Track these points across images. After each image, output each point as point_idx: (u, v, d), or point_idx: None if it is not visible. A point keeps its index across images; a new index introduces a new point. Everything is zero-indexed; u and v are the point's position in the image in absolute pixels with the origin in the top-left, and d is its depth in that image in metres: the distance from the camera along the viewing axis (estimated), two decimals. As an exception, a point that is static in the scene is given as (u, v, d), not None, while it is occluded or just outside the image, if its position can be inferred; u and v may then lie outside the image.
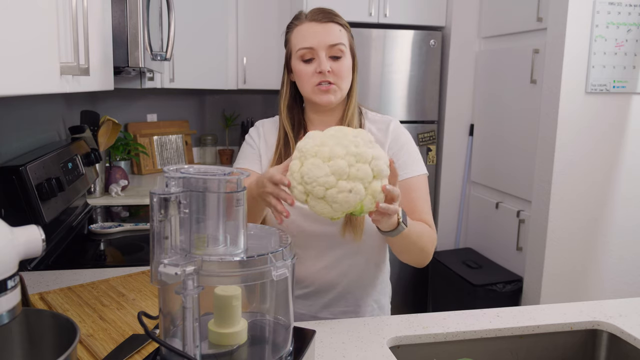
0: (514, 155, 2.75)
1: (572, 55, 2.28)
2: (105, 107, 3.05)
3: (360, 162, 0.91)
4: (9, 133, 1.68)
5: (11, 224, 0.69)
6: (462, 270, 2.79)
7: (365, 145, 0.93)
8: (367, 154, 0.92)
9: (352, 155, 0.91)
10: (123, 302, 1.24)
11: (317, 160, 0.92)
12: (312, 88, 1.21)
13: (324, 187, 0.91)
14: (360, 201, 0.92)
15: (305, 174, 0.92)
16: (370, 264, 1.30)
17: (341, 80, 1.21)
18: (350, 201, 0.91)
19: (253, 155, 1.30)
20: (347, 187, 0.90)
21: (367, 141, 0.95)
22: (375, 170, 0.92)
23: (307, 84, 1.21)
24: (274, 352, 0.84)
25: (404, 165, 1.23)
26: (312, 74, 1.20)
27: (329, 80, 1.19)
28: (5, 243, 0.65)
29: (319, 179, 0.90)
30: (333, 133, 0.96)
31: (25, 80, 0.83)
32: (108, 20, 1.48)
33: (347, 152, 0.91)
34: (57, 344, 0.78)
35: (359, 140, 0.94)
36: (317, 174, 0.91)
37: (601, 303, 1.32)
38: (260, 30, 3.22)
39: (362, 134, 0.96)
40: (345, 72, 1.21)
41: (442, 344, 1.14)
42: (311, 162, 0.92)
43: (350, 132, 0.96)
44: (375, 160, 0.92)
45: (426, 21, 3.04)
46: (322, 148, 0.93)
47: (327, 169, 0.90)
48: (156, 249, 0.73)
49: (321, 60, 1.19)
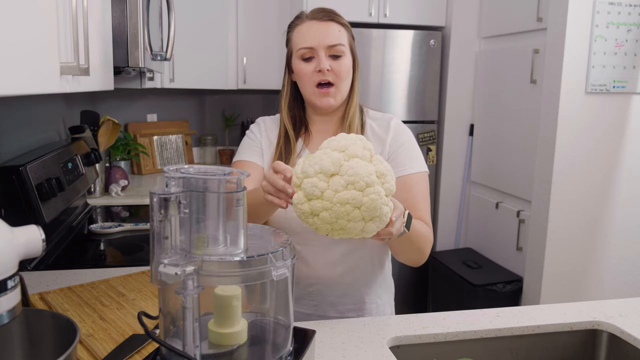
0: (514, 155, 2.75)
1: (572, 55, 2.28)
2: (105, 107, 3.05)
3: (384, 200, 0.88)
4: (9, 133, 1.68)
5: (11, 224, 0.69)
6: (462, 270, 2.79)
7: (365, 218, 0.88)
8: (369, 229, 0.89)
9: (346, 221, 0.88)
10: (123, 302, 1.24)
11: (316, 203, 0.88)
12: (312, 90, 1.22)
13: (346, 216, 0.87)
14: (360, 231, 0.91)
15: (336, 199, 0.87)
16: (375, 261, 1.30)
17: (340, 80, 1.21)
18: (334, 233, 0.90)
19: (255, 147, 1.30)
20: (360, 227, 0.88)
21: (371, 209, 0.88)
22: (373, 224, 0.90)
23: (307, 83, 1.22)
24: (274, 352, 0.84)
25: (403, 162, 1.23)
26: (312, 73, 1.20)
27: (328, 80, 1.20)
28: (5, 243, 0.65)
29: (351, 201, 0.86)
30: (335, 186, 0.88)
31: (25, 80, 0.83)
32: (108, 20, 1.48)
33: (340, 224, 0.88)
34: (57, 344, 0.78)
35: (358, 213, 0.87)
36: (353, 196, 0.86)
37: (601, 303, 1.32)
38: (260, 30, 3.22)
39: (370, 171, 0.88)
40: (344, 71, 1.21)
41: (442, 344, 1.14)
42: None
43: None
44: (373, 220, 0.89)
45: (426, 21, 3.05)
46: (316, 203, 0.88)
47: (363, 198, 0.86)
48: (156, 249, 0.73)
49: (321, 59, 1.19)
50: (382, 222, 0.90)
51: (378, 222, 0.89)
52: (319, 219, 0.88)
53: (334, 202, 0.86)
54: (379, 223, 0.89)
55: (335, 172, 0.87)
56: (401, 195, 1.20)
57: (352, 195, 0.85)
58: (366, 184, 0.86)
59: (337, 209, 0.86)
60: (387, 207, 0.89)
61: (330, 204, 0.86)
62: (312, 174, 0.89)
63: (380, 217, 0.89)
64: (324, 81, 1.20)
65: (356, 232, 0.89)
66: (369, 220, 0.88)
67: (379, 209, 0.87)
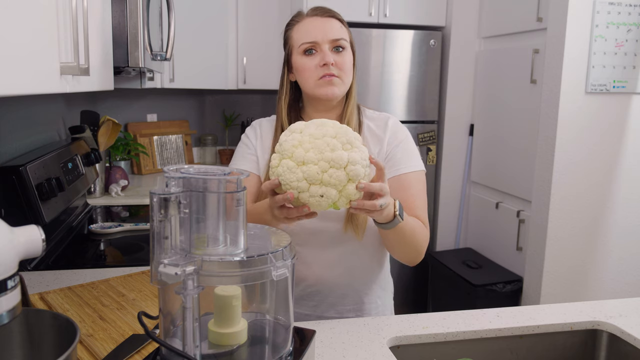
0: (514, 155, 2.75)
1: (572, 55, 2.28)
2: (105, 107, 3.05)
3: (333, 168, 0.91)
4: (9, 133, 1.68)
5: (11, 224, 0.69)
6: (462, 270, 2.79)
7: (344, 147, 0.92)
8: (342, 159, 0.91)
9: (325, 161, 0.91)
10: (123, 302, 1.24)
11: (291, 163, 0.92)
12: (315, 82, 1.21)
13: (297, 191, 0.92)
14: (333, 203, 0.93)
15: (279, 175, 0.94)
16: (374, 261, 1.30)
17: (344, 74, 1.21)
18: (322, 204, 0.93)
19: (250, 155, 1.29)
20: (319, 192, 0.91)
21: (346, 142, 0.93)
22: (351, 174, 0.91)
23: (310, 77, 1.21)
24: (274, 352, 0.84)
25: (400, 160, 1.23)
26: (315, 67, 1.20)
27: (333, 73, 1.19)
28: (5, 243, 0.65)
29: (292, 183, 0.92)
30: (312, 131, 0.95)
31: (26, 80, 0.83)
32: (108, 20, 1.48)
33: (321, 157, 0.91)
34: (57, 344, 0.78)
35: (336, 142, 0.92)
36: (290, 178, 0.92)
37: (601, 303, 1.32)
38: (260, 30, 3.22)
39: (344, 132, 0.95)
40: (347, 65, 1.22)
41: (442, 344, 1.14)
42: (286, 164, 0.93)
43: (330, 131, 0.94)
44: (350, 165, 0.91)
45: (426, 21, 3.05)
46: (297, 150, 0.92)
47: (300, 174, 0.91)
48: (156, 249, 0.73)
49: (325, 52, 1.19)
50: (355, 173, 0.92)
51: (354, 177, 0.92)
52: (303, 173, 0.91)
53: (312, 143, 0.93)
54: (354, 178, 0.92)
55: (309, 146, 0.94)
56: (398, 194, 1.19)
57: (326, 137, 0.93)
58: (341, 142, 0.93)
59: (316, 143, 0.92)
60: (363, 168, 0.93)
61: (309, 144, 0.93)
62: (288, 149, 0.95)
63: (356, 172, 0.92)
64: (329, 74, 1.19)
65: (340, 179, 0.91)
66: (348, 165, 0.91)
67: (354, 141, 0.93)
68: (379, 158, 1.24)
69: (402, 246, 1.18)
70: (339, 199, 0.93)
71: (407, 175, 1.22)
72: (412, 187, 1.22)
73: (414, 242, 1.16)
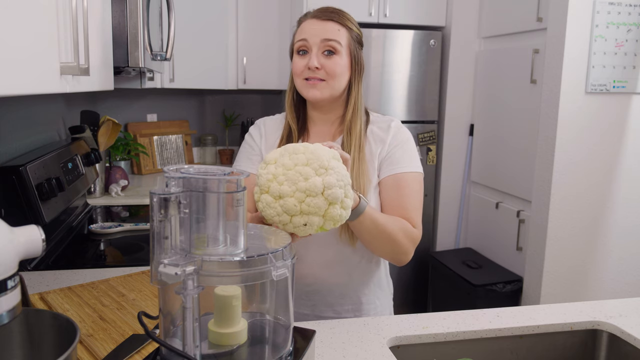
0: (514, 155, 2.75)
1: (572, 55, 2.28)
2: (105, 107, 3.05)
3: (310, 197, 0.90)
4: (9, 133, 1.68)
5: (11, 224, 0.69)
6: (462, 270, 2.79)
7: (317, 173, 0.91)
8: (316, 187, 0.89)
9: (301, 192, 0.90)
10: (123, 302, 1.24)
11: (269, 198, 0.92)
12: (301, 82, 1.22)
13: (280, 224, 0.92)
14: (319, 227, 0.93)
15: (261, 210, 0.93)
16: (372, 261, 1.30)
17: (332, 78, 1.20)
18: (308, 231, 0.92)
19: (254, 156, 1.30)
20: (301, 222, 0.91)
21: (319, 167, 0.91)
22: (330, 198, 0.90)
23: (298, 78, 1.23)
24: (274, 352, 0.84)
25: (398, 160, 1.23)
26: (303, 68, 1.21)
27: (317, 77, 1.20)
28: (5, 243, 0.65)
29: (273, 217, 0.92)
30: (285, 161, 0.93)
31: (26, 80, 0.83)
32: (108, 20, 1.48)
33: (296, 188, 0.90)
34: (57, 344, 0.78)
35: (309, 170, 0.91)
36: (270, 213, 0.92)
37: (601, 303, 1.32)
38: (260, 30, 3.22)
39: (316, 157, 0.92)
40: (337, 70, 1.20)
41: (442, 344, 1.14)
42: (264, 199, 0.92)
43: (302, 158, 0.92)
44: (327, 189, 0.90)
45: (426, 21, 3.05)
46: (272, 184, 0.92)
47: (279, 208, 0.91)
48: (156, 249, 0.73)
49: (312, 55, 1.19)
50: (334, 196, 0.91)
51: (334, 200, 0.91)
52: (281, 207, 0.91)
53: (285, 175, 0.91)
54: (334, 200, 0.91)
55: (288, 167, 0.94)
56: (391, 193, 1.19)
57: (298, 167, 0.92)
58: (314, 169, 0.91)
59: (289, 175, 0.91)
60: (341, 189, 0.92)
61: (282, 177, 0.91)
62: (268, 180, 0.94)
63: (334, 195, 0.91)
64: (312, 77, 1.20)
65: (319, 206, 0.90)
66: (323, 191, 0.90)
67: (327, 163, 0.92)
68: (380, 157, 1.25)
69: (376, 240, 1.15)
70: (324, 222, 0.92)
71: (404, 175, 1.22)
72: (407, 187, 1.22)
73: (390, 237, 1.14)
